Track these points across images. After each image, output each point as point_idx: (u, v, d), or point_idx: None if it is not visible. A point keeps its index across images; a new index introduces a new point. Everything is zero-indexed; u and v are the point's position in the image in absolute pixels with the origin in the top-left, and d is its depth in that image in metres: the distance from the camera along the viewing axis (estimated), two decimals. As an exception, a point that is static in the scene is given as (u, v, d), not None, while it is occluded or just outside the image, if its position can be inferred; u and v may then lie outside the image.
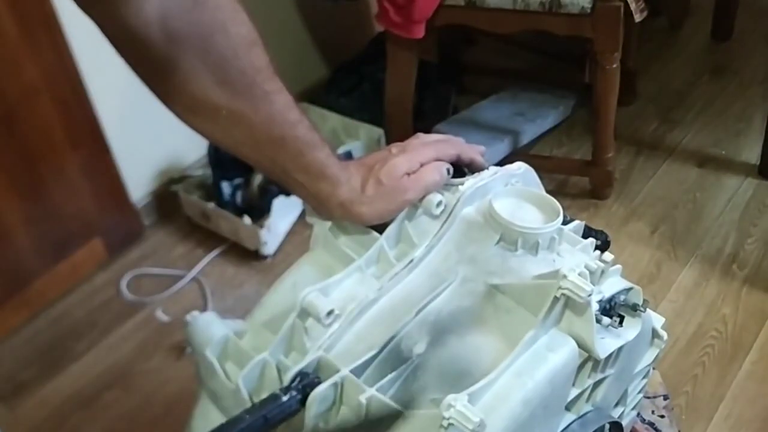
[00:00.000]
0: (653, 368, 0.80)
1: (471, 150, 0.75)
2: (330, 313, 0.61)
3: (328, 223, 0.73)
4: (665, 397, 1.09)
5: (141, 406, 1.57)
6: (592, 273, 0.61)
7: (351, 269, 0.67)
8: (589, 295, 0.58)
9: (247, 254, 1.86)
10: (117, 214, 1.89)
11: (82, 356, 1.66)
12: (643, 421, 1.07)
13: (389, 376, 0.58)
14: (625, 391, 0.73)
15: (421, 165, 0.71)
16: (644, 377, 0.75)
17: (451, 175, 0.72)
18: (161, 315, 1.73)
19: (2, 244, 1.66)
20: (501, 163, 0.76)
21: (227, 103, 0.67)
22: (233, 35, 0.66)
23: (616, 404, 0.73)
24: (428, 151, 0.72)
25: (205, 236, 1.92)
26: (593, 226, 0.75)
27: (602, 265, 0.63)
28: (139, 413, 1.55)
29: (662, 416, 1.07)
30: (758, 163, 2.01)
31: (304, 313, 0.62)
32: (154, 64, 0.65)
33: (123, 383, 1.60)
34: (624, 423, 0.76)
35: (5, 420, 1.54)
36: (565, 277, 0.59)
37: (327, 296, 0.64)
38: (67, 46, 1.64)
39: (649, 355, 0.72)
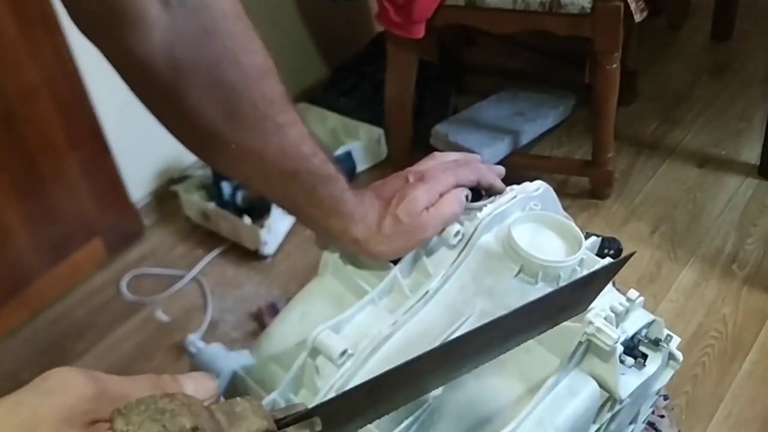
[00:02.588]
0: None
1: (490, 174, 0.72)
2: (343, 353, 0.59)
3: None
4: (665, 397, 1.08)
5: (141, 406, 1.56)
6: (617, 315, 0.59)
7: (363, 302, 0.64)
8: (616, 342, 0.57)
9: (247, 254, 1.86)
10: (117, 214, 1.88)
11: (82, 356, 1.66)
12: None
13: (405, 423, 0.55)
14: (638, 411, 0.71)
15: (440, 195, 0.68)
16: (657, 393, 0.73)
17: (469, 200, 0.70)
18: (161, 315, 1.73)
19: (2, 244, 1.66)
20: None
21: (236, 138, 0.63)
22: (244, 66, 0.62)
23: (629, 422, 0.72)
24: (447, 178, 0.69)
25: (205, 236, 1.92)
26: (597, 228, 0.74)
27: (627, 305, 0.60)
28: (140, 413, 1.55)
29: (662, 416, 1.06)
30: (758, 163, 2.01)
31: (316, 351, 0.60)
32: (161, 96, 0.62)
33: (123, 384, 1.60)
34: (634, 438, 0.75)
35: (5, 420, 1.54)
36: (591, 323, 0.57)
37: (338, 333, 0.61)
38: (67, 46, 1.63)
39: (665, 377, 0.70)
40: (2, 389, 1.40)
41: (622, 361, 0.59)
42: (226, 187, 1.86)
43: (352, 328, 0.63)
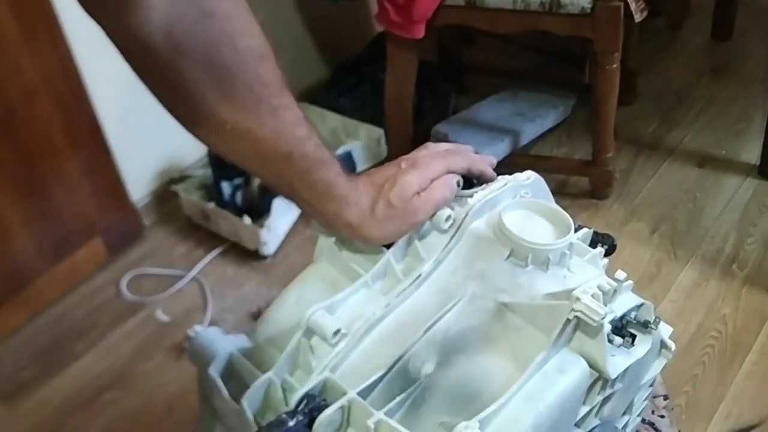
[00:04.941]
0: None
1: (481, 162, 0.73)
2: (336, 332, 0.60)
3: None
4: (665, 397, 1.08)
5: (141, 406, 1.57)
6: (604, 293, 0.60)
7: (357, 285, 0.65)
8: (603, 318, 0.58)
9: (247, 254, 1.86)
10: (117, 214, 1.88)
11: (82, 356, 1.66)
12: (643, 421, 1.07)
13: (397, 399, 0.57)
14: (632, 401, 0.72)
15: (431, 180, 0.69)
16: (651, 385, 0.74)
17: (460, 187, 0.71)
18: (161, 315, 1.74)
19: (2, 244, 1.66)
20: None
21: (232, 118, 0.65)
22: (242, 48, 0.64)
23: (623, 413, 0.72)
24: (439, 165, 0.70)
25: (205, 236, 1.92)
26: (596, 228, 0.74)
27: (615, 284, 0.61)
28: (139, 413, 1.55)
29: (662, 416, 1.06)
30: (758, 163, 2.01)
31: (310, 332, 0.61)
32: (159, 74, 0.64)
33: (123, 383, 1.60)
34: (629, 430, 0.76)
35: (5, 420, 1.54)
36: (578, 299, 0.58)
37: (333, 314, 0.62)
38: (67, 46, 1.63)
39: (657, 365, 0.71)
40: (2, 389, 1.42)
41: (610, 341, 0.61)
42: (226, 187, 1.86)
43: (346, 309, 0.64)
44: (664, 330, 0.68)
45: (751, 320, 1.65)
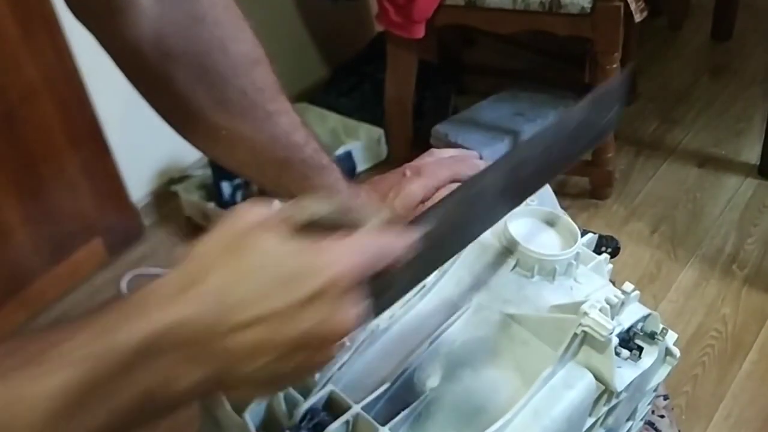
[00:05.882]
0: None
1: None
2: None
3: None
4: (665, 397, 1.08)
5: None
6: (612, 306, 0.59)
7: None
8: (611, 334, 0.57)
9: (247, 254, 1.85)
10: (117, 214, 1.88)
11: (83, 357, 1.66)
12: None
13: (402, 414, 0.56)
14: (636, 407, 0.72)
15: (436, 189, 0.68)
16: (655, 390, 0.74)
17: None
18: (162, 315, 1.73)
19: (2, 244, 1.66)
20: None
21: (227, 124, 0.64)
22: (233, 53, 0.63)
23: (627, 419, 0.72)
24: (444, 173, 0.69)
25: (206, 236, 1.91)
26: (597, 229, 0.74)
27: (622, 297, 0.61)
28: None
29: (662, 416, 1.06)
30: (758, 163, 2.02)
31: None
32: (151, 80, 0.63)
33: (123, 384, 1.60)
34: (632, 436, 0.76)
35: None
36: (585, 314, 0.57)
37: None
38: (67, 46, 1.63)
39: (662, 373, 0.70)
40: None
41: (617, 354, 0.60)
42: (226, 187, 1.86)
43: None
44: (669, 337, 0.68)
45: (751, 320, 1.65)
